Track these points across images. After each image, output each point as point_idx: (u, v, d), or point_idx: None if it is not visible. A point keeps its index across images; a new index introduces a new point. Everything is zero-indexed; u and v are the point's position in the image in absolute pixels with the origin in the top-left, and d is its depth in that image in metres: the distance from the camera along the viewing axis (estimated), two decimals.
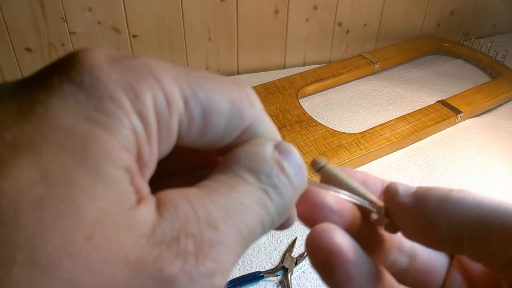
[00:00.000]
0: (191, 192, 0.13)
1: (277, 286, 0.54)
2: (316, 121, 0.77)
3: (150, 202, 0.12)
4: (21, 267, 0.09)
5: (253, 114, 0.15)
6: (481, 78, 0.95)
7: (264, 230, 0.14)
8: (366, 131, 0.74)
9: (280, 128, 0.75)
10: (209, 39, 0.95)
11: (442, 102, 0.82)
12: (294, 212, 0.17)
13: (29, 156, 0.10)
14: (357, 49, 1.05)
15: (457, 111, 0.79)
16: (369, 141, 0.72)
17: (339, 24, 1.01)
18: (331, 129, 0.75)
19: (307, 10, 0.97)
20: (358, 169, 0.71)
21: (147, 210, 0.11)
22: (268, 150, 0.15)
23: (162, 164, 0.14)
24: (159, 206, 0.12)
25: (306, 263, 0.56)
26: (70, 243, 0.10)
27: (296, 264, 0.55)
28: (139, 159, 0.12)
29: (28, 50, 0.88)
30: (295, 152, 0.15)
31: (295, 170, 0.15)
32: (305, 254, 0.56)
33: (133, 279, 0.10)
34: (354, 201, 0.18)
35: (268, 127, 0.15)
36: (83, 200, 0.10)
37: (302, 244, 0.58)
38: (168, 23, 0.91)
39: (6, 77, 0.90)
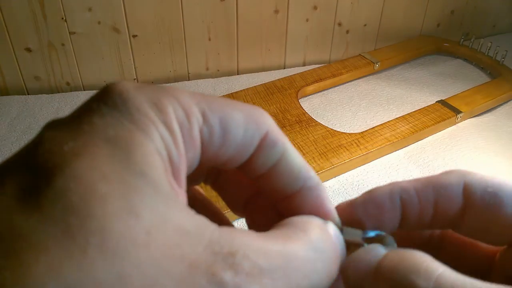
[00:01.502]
0: (251, 232, 0.14)
1: None
2: (316, 121, 0.77)
3: (205, 219, 0.13)
4: (95, 249, 0.11)
5: (267, 123, 0.17)
6: (481, 78, 0.95)
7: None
8: (366, 131, 0.74)
9: (280, 128, 0.75)
10: (209, 39, 0.95)
11: (442, 102, 0.82)
12: (340, 282, 0.17)
13: (87, 161, 0.12)
14: (357, 49, 1.05)
15: (457, 111, 0.79)
16: (369, 141, 0.72)
17: (339, 24, 1.01)
18: (331, 129, 0.75)
19: (307, 10, 0.97)
20: (358, 169, 0.71)
21: (203, 221, 0.13)
22: (316, 219, 0.17)
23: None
24: (220, 230, 0.13)
25: None
26: (133, 235, 0.11)
27: None
28: (170, 163, 0.14)
29: (28, 50, 0.88)
30: (334, 227, 0.17)
31: (337, 239, 0.17)
32: None
33: (189, 275, 0.12)
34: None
35: (286, 144, 0.17)
36: (138, 199, 0.12)
37: None
38: (168, 23, 0.91)
39: (6, 77, 0.91)
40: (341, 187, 0.67)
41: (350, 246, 0.18)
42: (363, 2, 0.99)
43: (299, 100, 0.84)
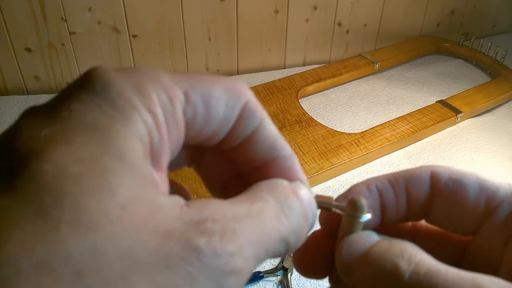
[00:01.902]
0: (218, 200, 0.15)
1: (277, 286, 0.54)
2: (316, 121, 0.77)
3: (177, 196, 0.14)
4: (68, 225, 0.11)
5: (247, 93, 0.17)
6: (481, 78, 0.95)
7: (281, 247, 0.16)
8: (366, 131, 0.74)
9: (280, 128, 0.75)
10: (209, 39, 0.95)
11: (442, 102, 0.82)
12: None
13: (63, 145, 0.12)
14: (357, 49, 1.05)
15: (457, 111, 0.79)
16: (369, 141, 0.72)
17: (339, 24, 1.01)
18: (331, 129, 0.75)
19: (307, 10, 0.97)
20: (358, 169, 0.71)
21: (176, 198, 0.14)
22: (285, 183, 0.17)
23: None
24: (188, 204, 0.14)
25: None
26: (106, 210, 0.12)
27: None
28: (152, 147, 0.14)
29: (28, 50, 0.88)
30: (306, 189, 0.18)
31: (307, 200, 0.17)
32: None
33: (164, 244, 0.12)
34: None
35: (264, 115, 0.18)
36: (113, 179, 0.12)
37: None
38: (168, 23, 0.91)
39: (6, 77, 0.91)
40: (341, 187, 0.67)
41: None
42: (363, 2, 0.99)
43: (299, 100, 0.84)
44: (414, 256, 0.16)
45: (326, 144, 0.71)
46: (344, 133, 0.74)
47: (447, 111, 0.79)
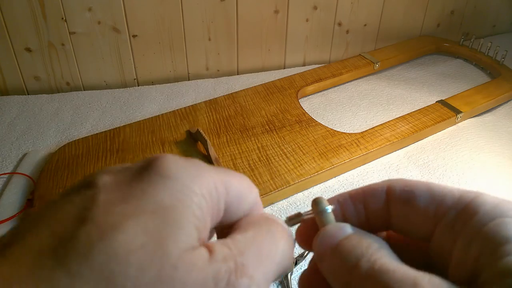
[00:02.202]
0: (227, 240, 0.18)
1: (277, 286, 0.54)
2: (316, 121, 0.77)
3: (202, 247, 0.17)
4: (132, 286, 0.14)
5: (258, 199, 0.22)
6: (481, 78, 0.95)
7: (278, 268, 0.19)
8: (366, 131, 0.74)
9: (280, 128, 0.75)
10: (209, 39, 0.95)
11: (442, 102, 0.82)
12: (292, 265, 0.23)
13: (133, 219, 0.15)
14: (357, 49, 1.05)
15: (457, 111, 0.79)
16: (369, 141, 0.72)
17: (339, 24, 1.01)
18: (331, 129, 0.75)
19: (307, 10, 0.97)
20: (358, 169, 0.71)
21: (203, 249, 0.17)
22: (270, 216, 0.21)
23: None
24: (210, 250, 0.17)
25: (306, 263, 0.56)
26: (163, 272, 0.15)
27: (296, 264, 0.55)
28: (202, 224, 0.18)
29: (28, 50, 0.88)
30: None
31: (284, 224, 0.21)
32: (305, 254, 0.56)
33: (203, 280, 0.16)
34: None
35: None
36: (170, 244, 0.15)
37: None
38: (168, 23, 0.91)
39: (6, 77, 0.91)
40: (341, 187, 0.67)
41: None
42: (363, 2, 0.99)
43: (299, 100, 0.84)
44: (375, 253, 0.18)
45: (326, 144, 0.71)
46: (344, 133, 0.74)
47: (447, 111, 0.79)
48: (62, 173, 0.67)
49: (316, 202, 0.21)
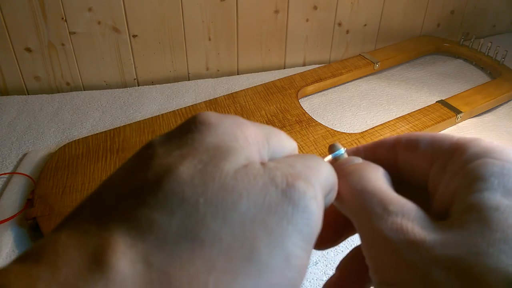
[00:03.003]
0: (274, 160, 0.19)
1: None
2: (316, 121, 0.77)
3: (255, 162, 0.18)
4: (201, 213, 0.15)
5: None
6: (481, 78, 0.95)
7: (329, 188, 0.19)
8: (366, 131, 0.74)
9: (280, 128, 0.75)
10: (209, 39, 0.95)
11: (442, 102, 0.82)
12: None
13: (189, 156, 0.17)
14: (357, 49, 1.05)
15: (457, 111, 0.79)
16: (368, 141, 0.72)
17: (339, 24, 1.01)
18: (331, 129, 0.75)
19: (307, 10, 0.96)
20: None
21: (256, 162, 0.18)
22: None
23: None
24: (262, 163, 0.18)
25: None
26: (225, 183, 0.16)
27: None
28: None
29: (28, 50, 0.88)
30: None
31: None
32: None
33: (263, 184, 0.16)
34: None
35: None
36: (225, 164, 0.16)
37: None
38: (168, 23, 0.91)
39: (6, 77, 0.91)
40: None
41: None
42: (363, 2, 0.99)
43: (299, 100, 0.84)
44: (369, 179, 0.20)
45: (326, 144, 0.71)
46: (344, 133, 0.74)
47: (447, 111, 0.79)
48: (62, 173, 0.67)
49: (332, 147, 0.24)
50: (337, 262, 0.56)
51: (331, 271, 0.55)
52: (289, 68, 1.01)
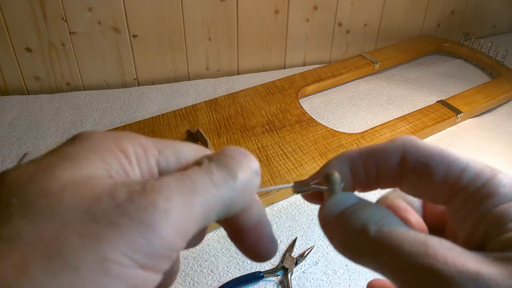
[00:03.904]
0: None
1: (277, 286, 0.54)
2: (316, 121, 0.77)
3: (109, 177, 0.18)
4: (16, 208, 0.16)
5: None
6: (481, 78, 0.95)
7: (210, 199, 0.18)
8: (366, 131, 0.74)
9: (280, 128, 0.75)
10: (209, 39, 0.95)
11: (442, 102, 0.82)
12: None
13: (35, 161, 0.18)
14: (357, 49, 1.05)
15: (457, 111, 0.79)
16: (369, 141, 0.72)
17: (339, 24, 1.01)
18: (331, 129, 0.75)
19: (307, 10, 0.97)
20: None
21: (107, 176, 0.18)
22: (209, 152, 0.21)
23: None
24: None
25: (306, 263, 0.56)
26: (48, 192, 0.16)
27: (296, 264, 0.55)
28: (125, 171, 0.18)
29: (28, 50, 0.88)
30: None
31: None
32: (305, 254, 0.56)
33: (92, 205, 0.16)
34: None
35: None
36: (56, 169, 0.17)
37: (302, 244, 0.58)
38: (168, 23, 0.91)
39: (6, 77, 0.91)
40: None
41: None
42: (363, 2, 0.99)
43: (299, 100, 0.84)
44: (382, 218, 0.19)
45: (326, 144, 0.71)
46: (344, 133, 0.74)
47: (447, 111, 0.79)
48: None
49: (329, 180, 0.21)
50: (337, 262, 0.56)
51: (331, 271, 0.55)
52: (289, 68, 1.01)
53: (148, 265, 0.16)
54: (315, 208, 0.61)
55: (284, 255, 0.57)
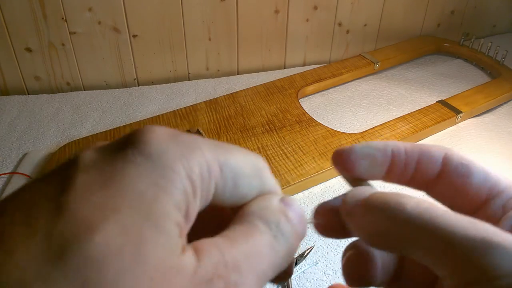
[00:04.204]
0: (219, 241, 0.16)
1: (277, 286, 0.54)
2: (316, 121, 0.77)
3: (189, 250, 0.15)
4: None
5: (271, 182, 0.19)
6: (481, 78, 0.95)
7: (274, 272, 0.17)
8: (366, 131, 0.74)
9: (280, 128, 0.75)
10: (209, 39, 0.95)
11: (442, 102, 0.82)
12: (292, 265, 0.20)
13: (113, 216, 0.14)
14: (357, 49, 1.05)
15: (457, 111, 0.79)
16: (369, 141, 0.72)
17: (339, 24, 1.01)
18: (331, 129, 0.75)
19: (307, 10, 0.97)
20: None
21: (190, 257, 0.15)
22: (275, 203, 0.19)
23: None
24: (197, 253, 0.15)
25: (306, 263, 0.56)
26: (140, 283, 0.13)
27: (296, 264, 0.55)
28: (187, 214, 0.16)
29: (28, 50, 0.88)
30: (296, 203, 0.19)
31: (298, 218, 0.18)
32: (305, 254, 0.56)
33: None
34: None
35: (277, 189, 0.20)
36: (148, 250, 0.14)
37: (302, 244, 0.58)
38: (168, 23, 0.91)
39: (6, 77, 0.91)
40: (342, 187, 0.67)
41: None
42: (363, 2, 0.99)
43: (299, 100, 0.84)
44: (415, 197, 0.18)
45: (326, 144, 0.71)
46: (344, 133, 0.74)
47: (447, 111, 0.79)
48: None
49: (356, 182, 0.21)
50: (337, 262, 0.56)
51: (331, 271, 0.55)
52: (289, 68, 1.01)
53: None
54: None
55: None
